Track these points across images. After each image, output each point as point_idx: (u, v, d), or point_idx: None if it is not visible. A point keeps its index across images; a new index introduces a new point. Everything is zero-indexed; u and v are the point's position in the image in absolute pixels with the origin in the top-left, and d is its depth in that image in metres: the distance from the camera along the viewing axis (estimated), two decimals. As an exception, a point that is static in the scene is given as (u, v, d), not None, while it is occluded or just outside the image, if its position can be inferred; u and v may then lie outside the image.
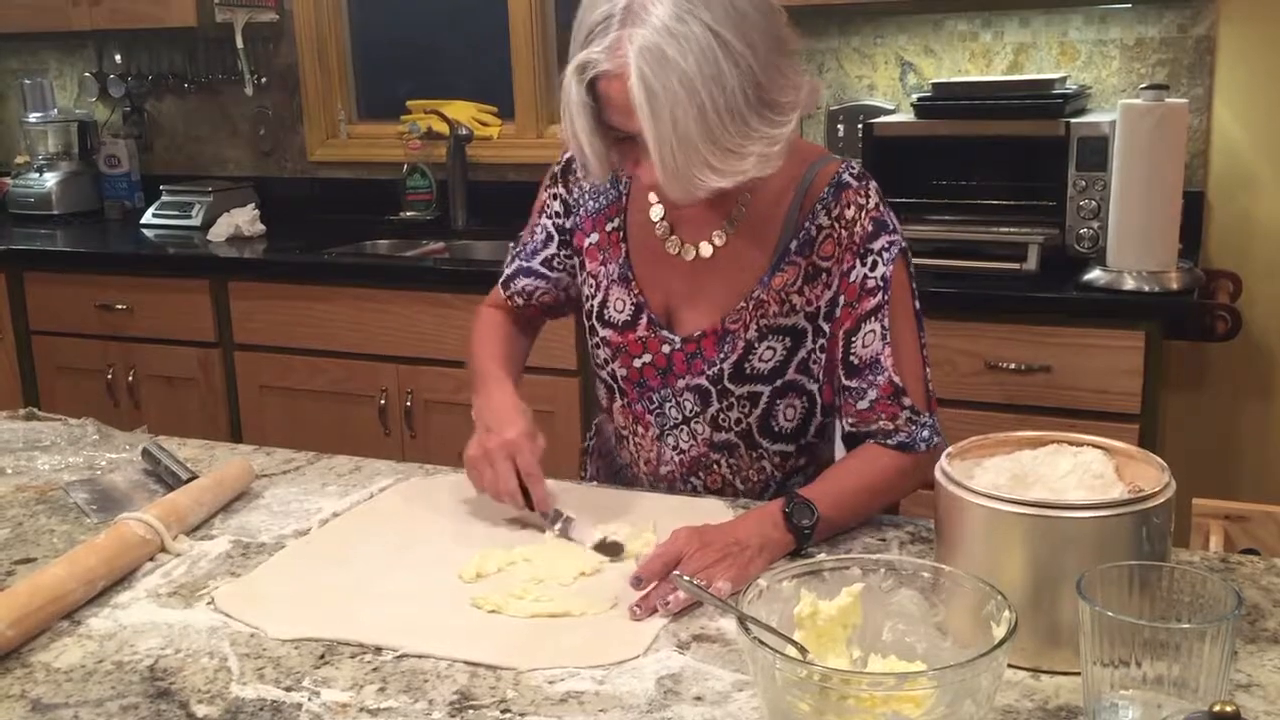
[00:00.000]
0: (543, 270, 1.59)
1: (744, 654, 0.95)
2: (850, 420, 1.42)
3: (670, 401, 1.49)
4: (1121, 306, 2.31)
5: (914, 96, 2.71)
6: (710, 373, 1.45)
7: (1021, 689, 1.00)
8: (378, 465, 1.60)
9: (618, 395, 1.55)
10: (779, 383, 1.44)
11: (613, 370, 1.53)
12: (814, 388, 1.45)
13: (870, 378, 1.39)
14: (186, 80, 3.75)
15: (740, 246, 1.44)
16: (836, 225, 1.41)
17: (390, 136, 3.58)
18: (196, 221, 3.49)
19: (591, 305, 1.53)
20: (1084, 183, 2.45)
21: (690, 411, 1.48)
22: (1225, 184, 2.71)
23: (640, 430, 1.54)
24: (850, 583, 0.95)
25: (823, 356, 1.44)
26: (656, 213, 1.49)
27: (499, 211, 3.38)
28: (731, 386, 1.45)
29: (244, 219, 3.34)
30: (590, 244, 1.54)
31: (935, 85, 2.70)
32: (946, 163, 2.63)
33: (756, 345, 1.43)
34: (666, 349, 1.48)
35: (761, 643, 0.86)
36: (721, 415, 1.47)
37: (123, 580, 1.25)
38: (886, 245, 1.40)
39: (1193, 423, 2.78)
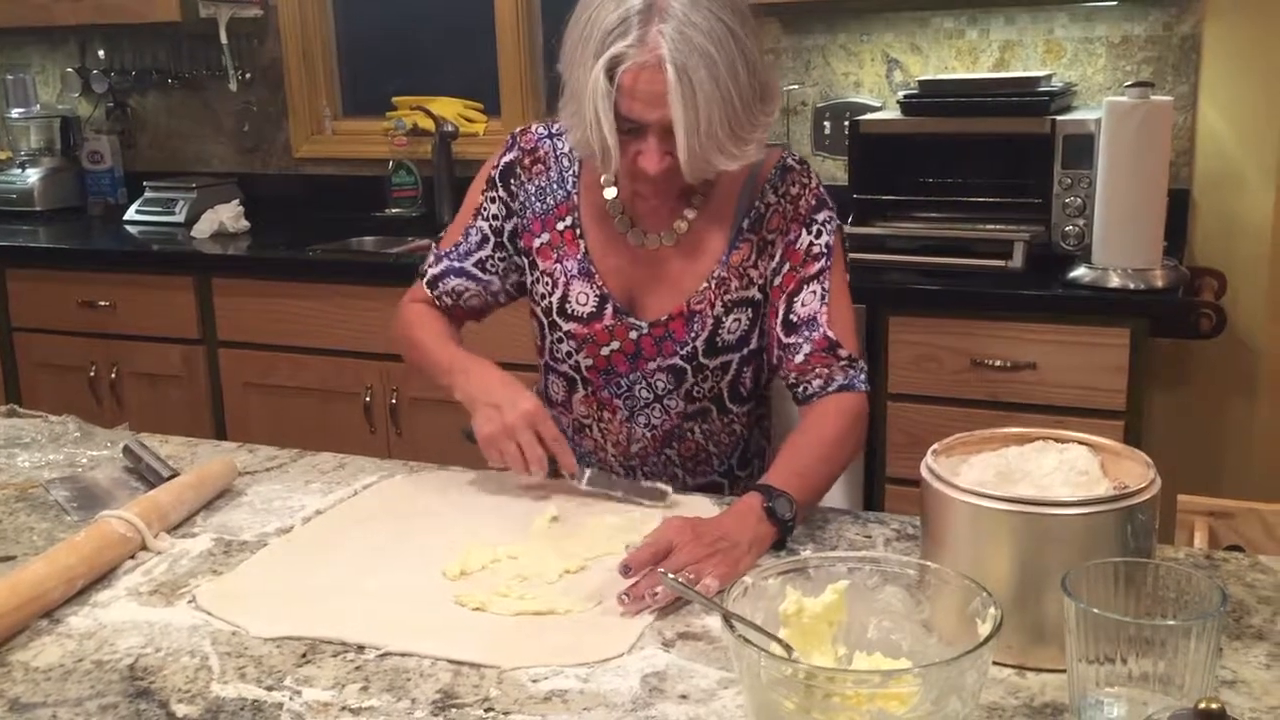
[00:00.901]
0: (475, 272, 1.62)
1: (729, 652, 0.94)
2: (791, 375, 1.51)
3: (641, 383, 1.55)
4: (1107, 304, 2.31)
5: (900, 94, 2.70)
6: (684, 352, 1.52)
7: (1007, 686, 1.00)
8: (361, 463, 1.59)
9: (580, 386, 1.59)
10: (746, 350, 1.53)
11: (576, 362, 1.57)
12: (763, 346, 1.55)
13: (806, 333, 1.49)
14: (170, 76, 3.73)
15: (700, 231, 1.53)
16: (783, 201, 1.52)
17: (375, 133, 3.57)
18: (180, 218, 3.47)
19: (550, 302, 1.56)
20: (1069, 180, 2.45)
21: (662, 390, 1.55)
22: (1210, 182, 2.72)
23: (606, 415, 1.58)
24: (835, 580, 0.95)
25: (766, 320, 1.54)
26: (615, 207, 1.54)
27: (485, 208, 3.37)
28: (706, 361, 1.53)
29: (228, 215, 3.32)
30: (541, 244, 1.58)
31: (921, 82, 2.69)
32: (932, 160, 2.63)
33: (724, 320, 1.51)
34: (634, 335, 1.53)
35: (746, 640, 0.86)
36: (695, 388, 1.54)
37: (103, 578, 1.24)
38: (828, 218, 1.53)
39: (1178, 420, 2.78)
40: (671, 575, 1.05)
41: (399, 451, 2.84)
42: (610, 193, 1.55)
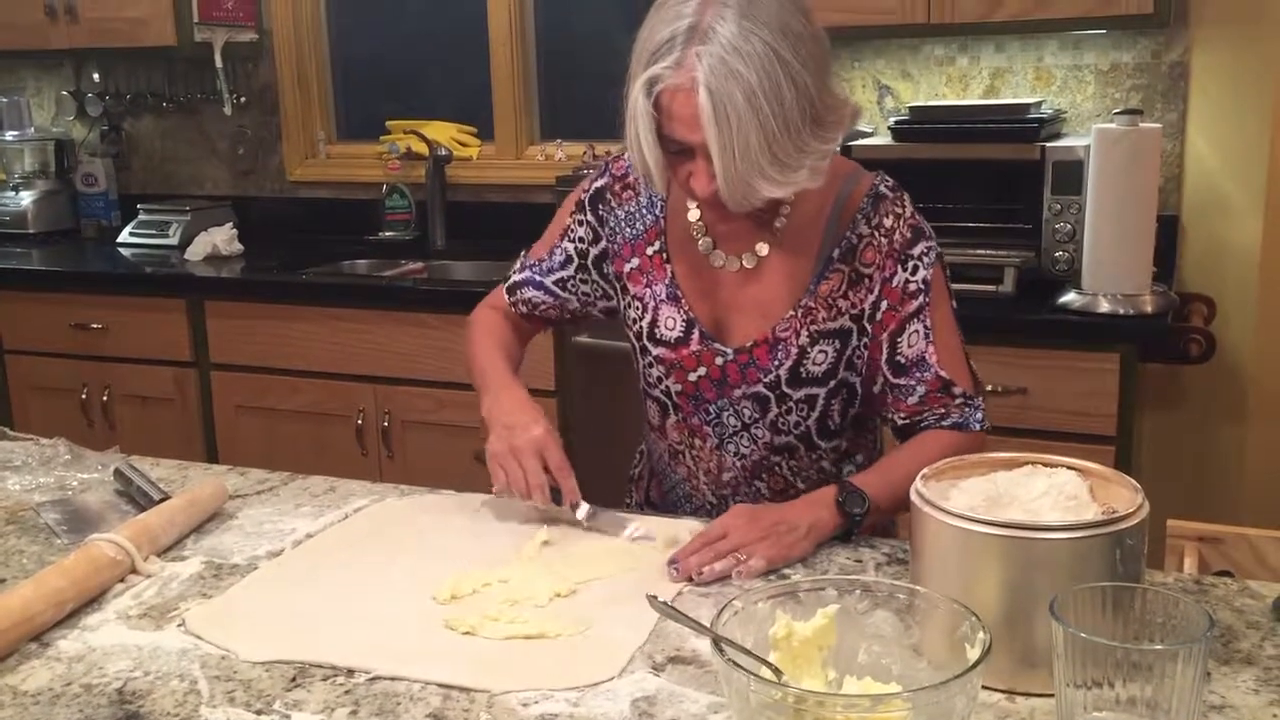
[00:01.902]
0: (554, 289, 1.64)
1: (719, 676, 0.94)
2: (901, 415, 1.49)
3: (728, 410, 1.53)
4: (1097, 329, 2.33)
5: (891, 120, 2.72)
6: (767, 380, 1.49)
7: (997, 711, 1.00)
8: (352, 486, 1.59)
9: (672, 411, 1.57)
10: (832, 383, 1.50)
11: (667, 387, 1.55)
12: (855, 380, 1.51)
13: (918, 374, 1.46)
14: (165, 99, 3.74)
15: (783, 256, 1.49)
16: (876, 233, 1.47)
17: (369, 156, 3.58)
18: (174, 241, 3.48)
19: (640, 327, 1.56)
20: (1059, 206, 2.47)
21: (749, 418, 1.52)
22: (1199, 208, 2.74)
23: (698, 442, 1.57)
24: (825, 604, 0.95)
25: (865, 353, 1.50)
26: (699, 229, 1.52)
27: (478, 232, 3.39)
28: (789, 391, 1.49)
29: (221, 238, 3.33)
30: (631, 269, 1.57)
31: (912, 109, 2.72)
32: (923, 186, 2.60)
33: (809, 350, 1.48)
34: (719, 360, 1.51)
35: (736, 664, 0.86)
36: (780, 419, 1.51)
37: (92, 602, 1.24)
38: (925, 250, 1.47)
39: (1168, 445, 2.79)
40: (661, 599, 1.06)
41: (391, 475, 2.84)
42: (694, 214, 1.53)
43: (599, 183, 1.60)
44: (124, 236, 3.59)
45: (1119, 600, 0.92)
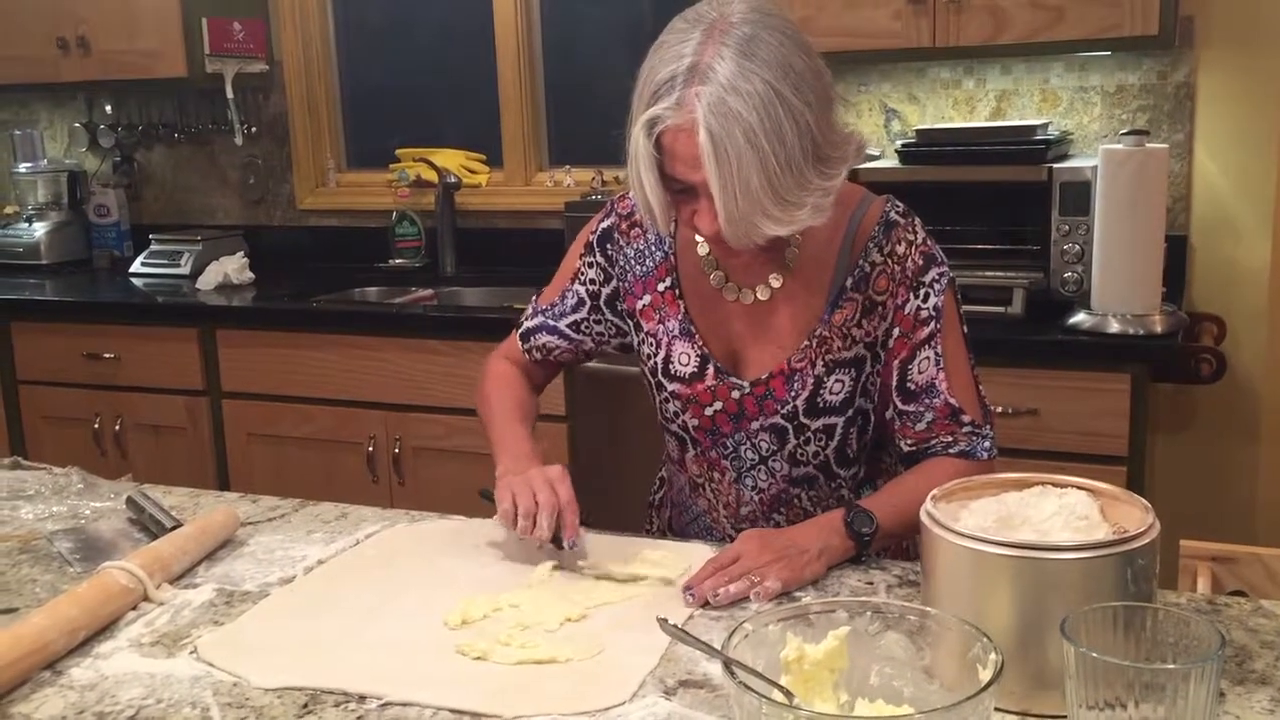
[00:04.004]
0: (568, 332, 1.63)
1: (730, 699, 0.94)
2: (909, 441, 1.49)
3: (745, 444, 1.52)
4: (1107, 350, 2.32)
5: (898, 143, 2.74)
6: (784, 411, 1.49)
7: (1009, 733, 1.00)
8: (363, 512, 1.59)
9: (690, 445, 1.57)
10: (850, 412, 1.49)
11: (684, 422, 1.55)
12: (869, 407, 1.51)
13: (927, 401, 1.46)
14: (176, 130, 3.77)
15: (796, 287, 1.49)
16: (889, 261, 1.46)
17: (379, 184, 3.60)
18: (185, 270, 3.50)
19: (655, 363, 1.55)
20: (1067, 227, 2.47)
21: (767, 451, 1.52)
22: (1207, 228, 2.74)
23: (716, 476, 1.56)
24: (836, 626, 0.95)
25: (878, 380, 1.50)
26: (709, 263, 1.52)
27: (487, 258, 3.40)
28: (807, 421, 1.49)
29: (233, 267, 3.35)
30: (644, 306, 1.56)
31: (919, 132, 2.73)
32: (931, 208, 2.61)
33: (825, 380, 1.47)
34: (736, 394, 1.50)
35: (747, 687, 0.86)
36: (799, 450, 1.51)
37: (105, 630, 1.24)
38: (937, 277, 1.47)
39: (1180, 465, 2.78)
40: (672, 622, 1.05)
41: (402, 501, 2.84)
42: (704, 248, 1.52)
43: (606, 223, 1.60)
44: (136, 266, 3.61)
45: (1130, 620, 0.92)
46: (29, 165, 3.86)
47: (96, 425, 3.22)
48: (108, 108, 3.84)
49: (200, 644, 1.21)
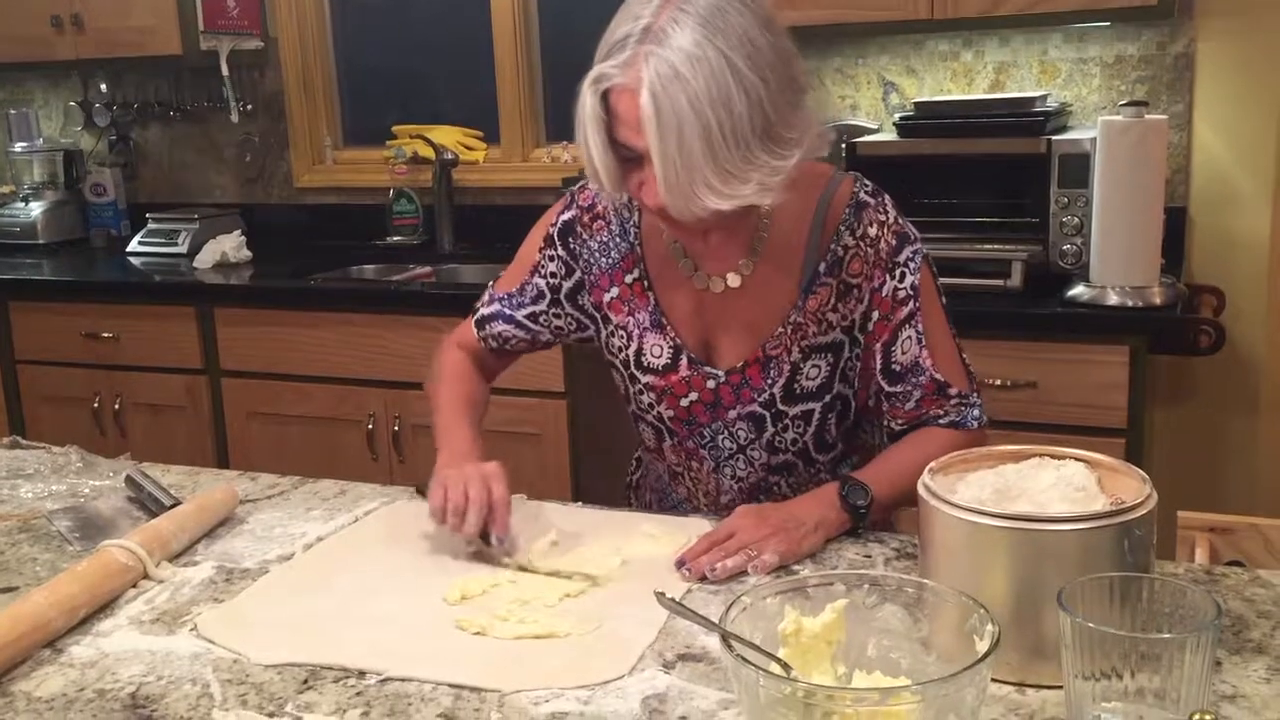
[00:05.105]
0: (525, 322, 1.60)
1: (728, 672, 0.94)
2: (899, 422, 1.49)
3: (723, 433, 1.51)
4: (1106, 322, 2.32)
5: (896, 116, 2.73)
6: (761, 399, 1.48)
7: (1007, 704, 1.00)
8: (362, 489, 1.59)
9: (667, 435, 1.56)
10: (828, 398, 1.49)
11: (659, 413, 1.54)
12: (849, 392, 1.51)
13: (913, 380, 1.46)
14: (172, 108, 3.76)
15: (767, 272, 1.47)
16: (862, 244, 1.45)
17: (376, 162, 3.59)
18: (183, 249, 3.50)
19: (627, 356, 1.54)
20: (1066, 199, 2.46)
21: (745, 439, 1.51)
22: (1207, 199, 2.73)
23: (695, 465, 1.56)
24: (834, 599, 0.95)
25: (858, 364, 1.49)
26: (678, 251, 1.49)
27: (485, 235, 3.39)
28: (785, 408, 1.48)
29: (230, 246, 3.34)
30: (611, 298, 1.54)
31: (917, 104, 2.71)
32: (929, 181, 2.65)
33: (802, 365, 1.47)
34: (711, 384, 1.49)
35: (745, 660, 0.86)
36: (777, 438, 1.50)
37: (105, 608, 1.24)
38: (911, 255, 1.46)
39: (1179, 436, 2.79)
40: (669, 595, 1.06)
41: (402, 478, 2.84)
42: (670, 236, 1.48)
43: (566, 215, 1.56)
44: (133, 245, 3.61)
45: (1127, 590, 0.92)
46: (25, 145, 3.85)
47: (96, 405, 3.22)
48: (103, 86, 3.83)
49: (200, 621, 1.21)
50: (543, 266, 1.58)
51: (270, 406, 3.06)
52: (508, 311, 1.61)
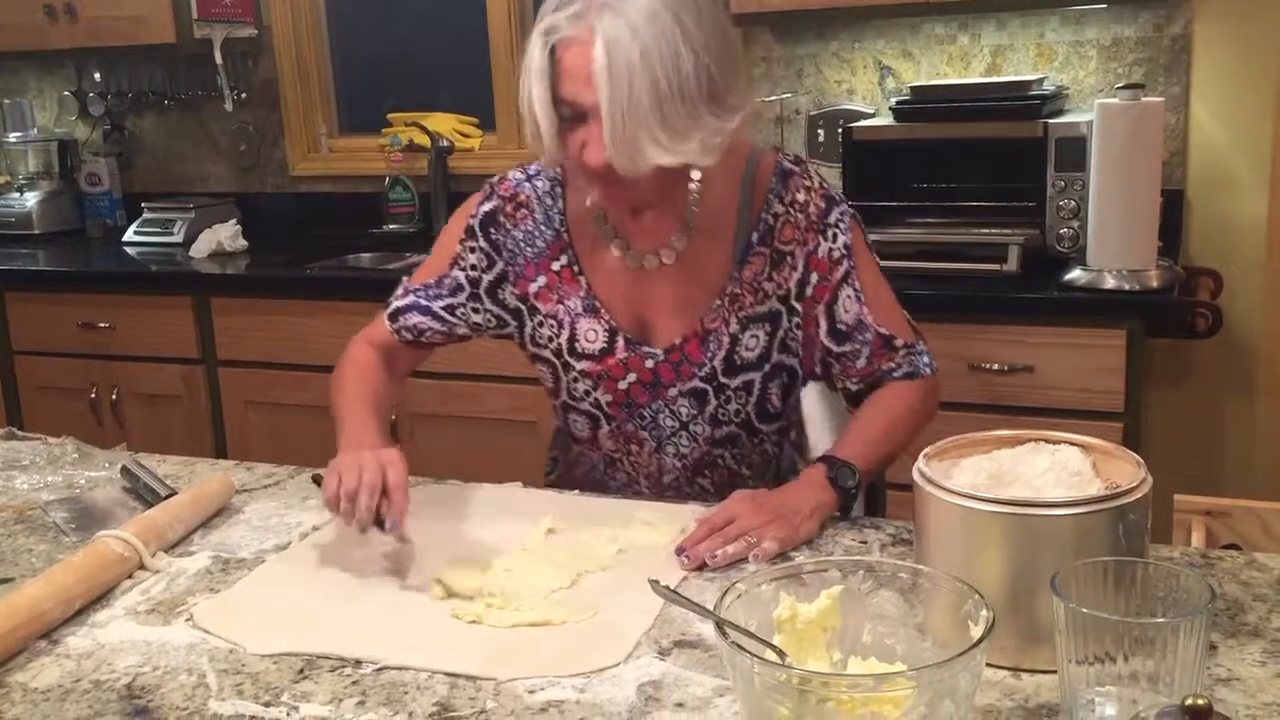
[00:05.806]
0: (442, 314, 1.58)
1: (724, 659, 0.94)
2: (854, 380, 1.51)
3: (664, 412, 1.52)
4: (1103, 305, 2.32)
5: (893, 100, 2.72)
6: (702, 373, 1.49)
7: (1002, 688, 1.00)
8: (359, 478, 1.59)
9: (604, 421, 1.55)
10: (767, 367, 1.50)
11: (596, 399, 1.53)
12: (793, 362, 1.52)
13: (860, 338, 1.49)
14: (166, 97, 3.74)
15: (700, 246, 1.49)
16: (791, 209, 1.48)
17: (372, 150, 3.58)
18: (178, 238, 3.49)
19: (559, 344, 1.53)
20: (1063, 183, 2.46)
21: (687, 416, 1.51)
22: (1204, 182, 2.72)
23: (634, 448, 1.55)
24: (829, 585, 0.95)
25: (799, 333, 1.51)
26: (608, 232, 1.50)
27: (481, 223, 3.38)
28: (726, 381, 1.49)
29: (226, 235, 3.33)
30: (538, 289, 1.53)
31: (914, 89, 2.70)
32: (926, 165, 2.64)
33: (741, 337, 1.48)
34: (650, 363, 1.50)
35: (740, 647, 0.86)
36: (720, 410, 1.51)
37: (101, 598, 1.24)
38: (840, 216, 1.49)
39: (1176, 420, 2.78)
40: (664, 584, 1.06)
41: (400, 467, 2.84)
42: (600, 217, 1.49)
43: (487, 206, 1.55)
44: (129, 235, 3.60)
45: (1120, 575, 0.92)
46: (19, 135, 3.83)
47: (93, 395, 3.22)
48: (96, 75, 3.81)
49: (196, 611, 1.21)
50: (462, 259, 1.56)
51: (267, 396, 3.06)
52: (424, 303, 1.59)
